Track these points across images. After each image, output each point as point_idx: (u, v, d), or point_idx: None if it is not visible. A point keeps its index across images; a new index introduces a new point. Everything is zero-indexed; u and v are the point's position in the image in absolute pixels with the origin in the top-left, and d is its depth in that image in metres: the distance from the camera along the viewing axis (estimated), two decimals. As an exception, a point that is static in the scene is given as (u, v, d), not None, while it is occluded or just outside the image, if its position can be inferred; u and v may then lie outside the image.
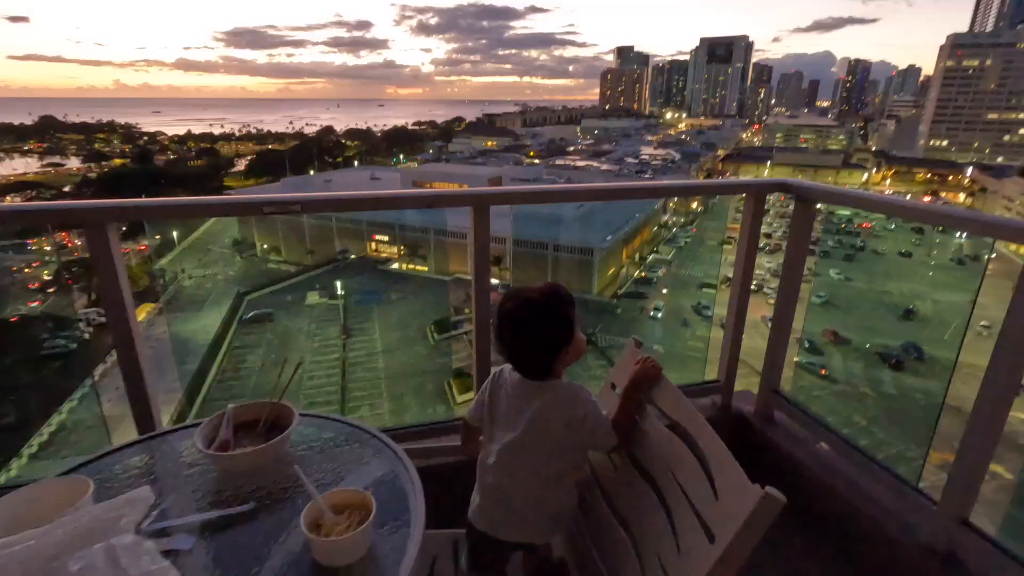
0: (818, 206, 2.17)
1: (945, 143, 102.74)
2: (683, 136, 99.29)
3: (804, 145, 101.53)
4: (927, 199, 67.40)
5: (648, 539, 1.07)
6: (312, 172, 61.00)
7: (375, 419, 17.63)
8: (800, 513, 2.16)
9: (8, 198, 48.70)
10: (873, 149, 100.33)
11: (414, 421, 2.02)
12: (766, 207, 2.24)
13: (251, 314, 23.68)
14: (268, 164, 67.17)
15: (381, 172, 52.84)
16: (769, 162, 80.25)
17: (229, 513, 1.05)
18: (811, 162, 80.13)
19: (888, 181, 79.21)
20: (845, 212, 34.41)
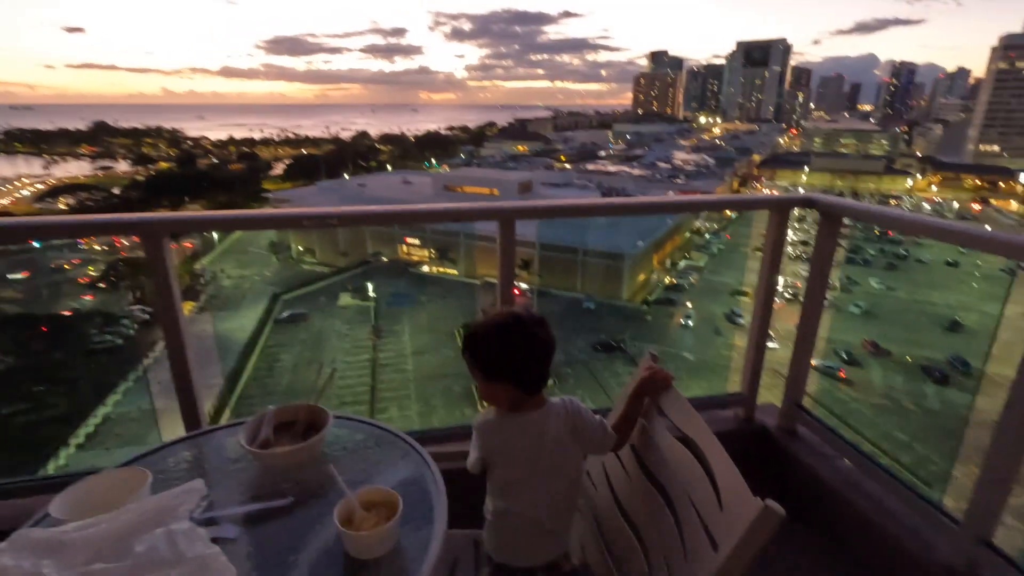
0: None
1: (996, 148, 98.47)
2: (717, 141, 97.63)
3: (844, 150, 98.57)
4: (976, 207, 64.67)
5: (657, 544, 1.13)
6: (347, 176, 62.29)
7: (404, 420, 17.88)
8: (820, 529, 2.16)
9: (62, 199, 51.25)
10: (918, 154, 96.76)
11: (439, 425, 2.10)
12: (802, 214, 2.23)
13: (286, 314, 24.33)
14: (305, 168, 68.90)
15: (413, 176, 53.57)
16: (807, 167, 78.20)
17: (269, 506, 1.14)
18: (851, 167, 77.74)
19: (934, 187, 76.28)
20: (887, 220, 33.20)
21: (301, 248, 32.73)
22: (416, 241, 30.60)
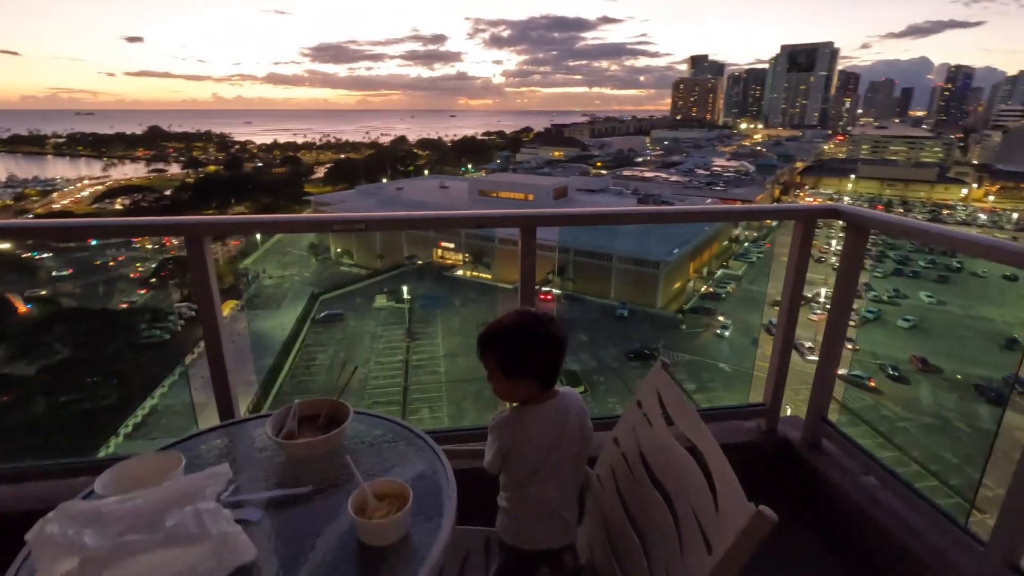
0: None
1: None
2: (758, 147, 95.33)
3: (894, 158, 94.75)
4: (1038, 218, 61.03)
5: (657, 545, 1.15)
6: (385, 180, 63.52)
7: (434, 422, 18.05)
8: (843, 545, 2.12)
9: (119, 200, 54.00)
10: (974, 162, 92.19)
11: (455, 426, 2.16)
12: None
13: (323, 314, 24.95)
14: (345, 172, 70.59)
15: (450, 181, 54.26)
16: (853, 175, 75.49)
17: (290, 493, 1.22)
18: (901, 176, 74.58)
19: (991, 197, 72.48)
20: (939, 230, 31.73)
21: (339, 250, 33.55)
22: (451, 245, 30.97)
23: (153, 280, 23.51)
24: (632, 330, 25.30)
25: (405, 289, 27.15)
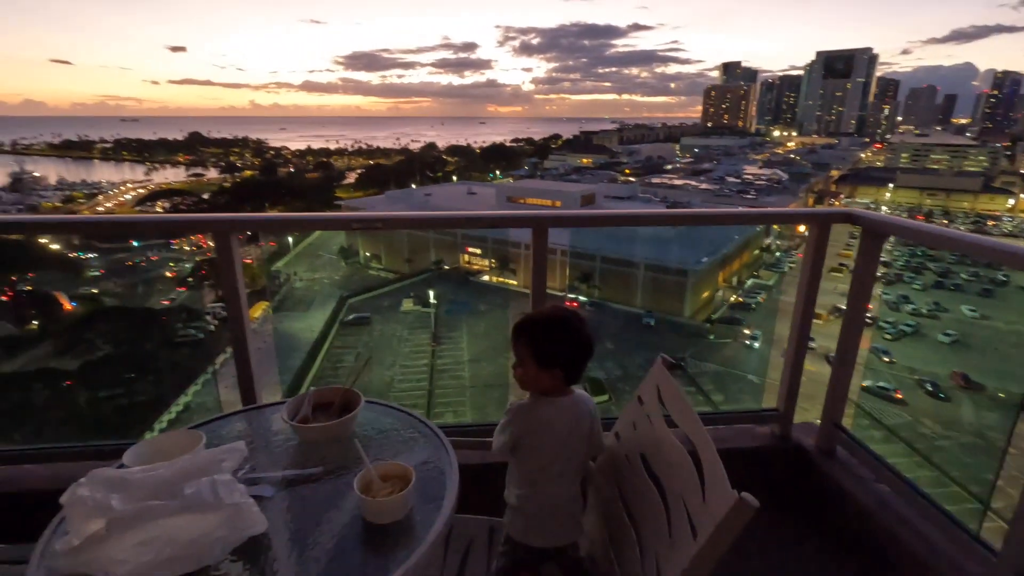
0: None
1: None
2: (792, 155, 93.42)
3: (935, 166, 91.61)
4: (1092, 230, 58.14)
5: (650, 533, 1.19)
6: (414, 186, 64.37)
7: (457, 426, 18.11)
8: (856, 553, 2.10)
9: (159, 203, 56.05)
10: (1022, 172, 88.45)
11: (460, 421, 2.22)
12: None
13: (351, 317, 25.37)
14: (375, 178, 71.83)
15: (477, 187, 54.65)
16: (891, 184, 73.25)
17: (302, 474, 1.29)
18: (943, 185, 71.95)
19: (1041, 208, 69.36)
20: (982, 241, 30.50)
21: (368, 254, 34.09)
22: (477, 250, 31.16)
23: (190, 279, 24.33)
24: (658, 339, 25.01)
25: (431, 293, 27.43)
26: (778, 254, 36.70)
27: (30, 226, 2.46)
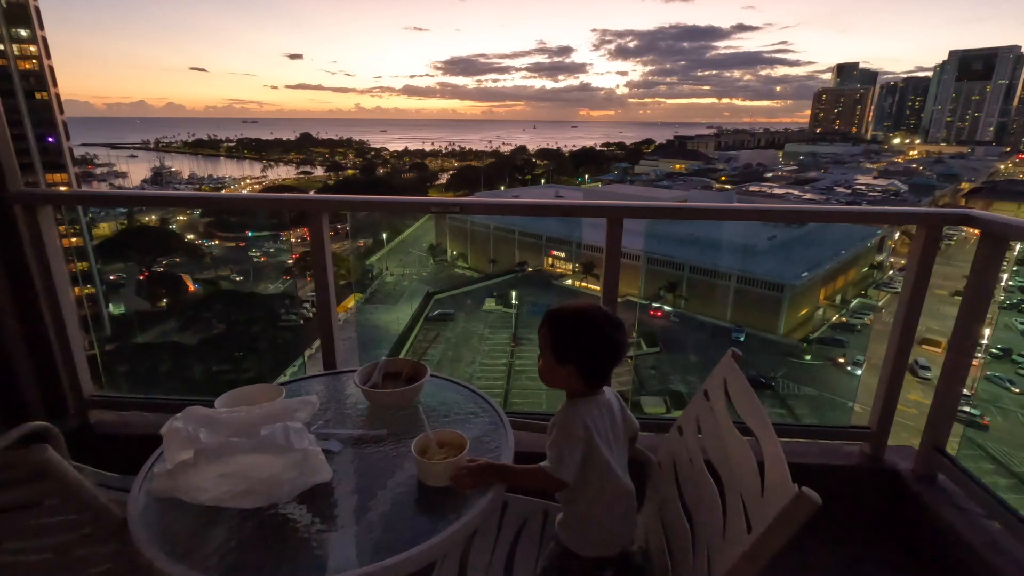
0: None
1: None
2: (913, 165, 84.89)
3: (1095, 180, 79.51)
4: None
5: (704, 527, 1.14)
6: (502, 187, 65.50)
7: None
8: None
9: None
10: None
11: (522, 409, 2.24)
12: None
13: (436, 313, 26.26)
14: (466, 179, 73.90)
15: (565, 191, 54.60)
16: (1036, 200, 64.43)
17: (368, 434, 1.38)
18: (1103, 202, 62.34)
19: None
20: None
21: (455, 252, 35.13)
22: (561, 254, 31.13)
23: (293, 268, 26.36)
24: (748, 355, 23.41)
25: (514, 294, 27.74)
26: (891, 272, 33.50)
27: (168, 200, 2.79)
